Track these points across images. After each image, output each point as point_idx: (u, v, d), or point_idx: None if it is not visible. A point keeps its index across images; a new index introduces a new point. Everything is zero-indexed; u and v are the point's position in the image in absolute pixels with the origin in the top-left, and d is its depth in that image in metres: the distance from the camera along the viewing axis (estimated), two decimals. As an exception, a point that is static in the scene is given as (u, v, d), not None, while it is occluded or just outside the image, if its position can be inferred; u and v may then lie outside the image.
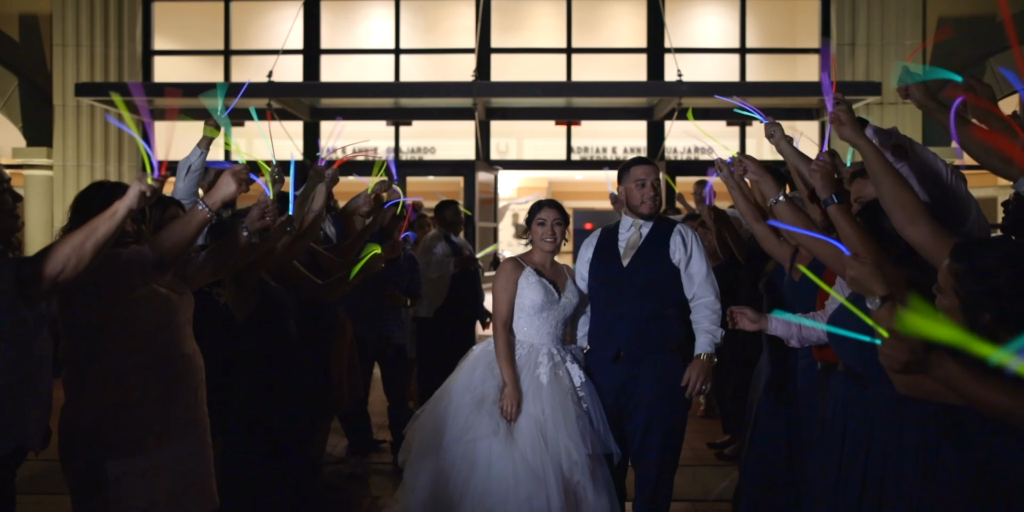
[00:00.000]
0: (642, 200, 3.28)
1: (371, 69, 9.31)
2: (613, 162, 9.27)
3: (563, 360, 3.18)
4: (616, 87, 8.14)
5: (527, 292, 3.20)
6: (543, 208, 3.32)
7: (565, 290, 3.28)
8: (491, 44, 9.00)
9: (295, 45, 9.03)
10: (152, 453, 2.26)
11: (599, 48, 9.35)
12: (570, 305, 3.26)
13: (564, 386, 3.09)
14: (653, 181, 3.29)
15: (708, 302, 3.23)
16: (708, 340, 3.20)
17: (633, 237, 3.34)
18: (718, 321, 3.22)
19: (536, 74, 9.01)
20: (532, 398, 3.05)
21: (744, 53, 9.10)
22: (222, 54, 9.18)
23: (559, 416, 3.01)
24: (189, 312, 2.44)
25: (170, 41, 9.43)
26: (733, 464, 4.79)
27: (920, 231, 2.06)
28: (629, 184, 3.32)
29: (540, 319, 3.21)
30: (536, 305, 3.18)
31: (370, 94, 8.19)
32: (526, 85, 8.11)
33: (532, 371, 3.12)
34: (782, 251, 3.64)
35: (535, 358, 3.16)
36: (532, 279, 3.22)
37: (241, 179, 2.24)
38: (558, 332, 3.24)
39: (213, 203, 2.25)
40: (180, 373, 2.35)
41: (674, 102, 7.94)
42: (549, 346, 3.20)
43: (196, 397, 2.42)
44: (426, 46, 9.51)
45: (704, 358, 3.19)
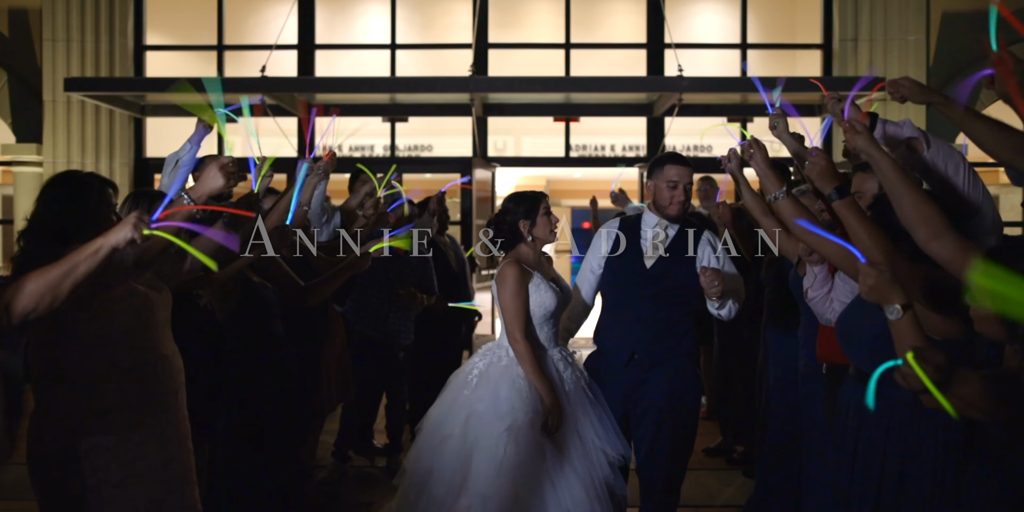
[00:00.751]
0: (671, 202, 3.13)
1: (367, 65, 9.17)
2: (630, 159, 9.16)
3: (566, 363, 3.03)
4: (615, 82, 8.01)
5: (537, 299, 2.98)
6: (543, 197, 3.13)
7: (563, 287, 3.14)
8: (488, 39, 8.87)
9: (289, 40, 8.89)
10: (129, 461, 2.13)
11: (598, 43, 9.22)
12: (564, 303, 3.12)
13: (580, 388, 2.96)
14: (686, 184, 3.14)
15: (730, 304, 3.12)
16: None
17: (659, 237, 3.18)
18: (735, 311, 3.12)
19: (534, 70, 8.88)
20: (567, 410, 2.86)
21: (745, 48, 8.98)
22: (215, 49, 9.03)
23: (593, 419, 2.88)
24: (167, 311, 2.30)
25: (162, 36, 9.28)
26: (738, 468, 4.67)
27: (946, 247, 1.92)
28: (660, 182, 3.16)
29: (548, 325, 3.03)
30: (548, 311, 2.99)
31: (365, 89, 8.04)
32: (524, 80, 7.97)
33: (558, 382, 2.93)
34: (790, 245, 3.51)
35: (553, 366, 2.98)
36: (541, 285, 3.01)
37: (229, 172, 2.11)
38: (555, 332, 3.10)
39: (199, 197, 2.11)
40: (159, 376, 2.22)
41: (674, 98, 7.81)
42: (553, 351, 3.03)
43: (176, 401, 2.29)
44: (422, 41, 9.38)
45: None
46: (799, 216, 2.45)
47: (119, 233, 1.79)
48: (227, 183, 2.10)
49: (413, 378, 4.72)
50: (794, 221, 2.31)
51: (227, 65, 9.02)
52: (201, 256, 1.70)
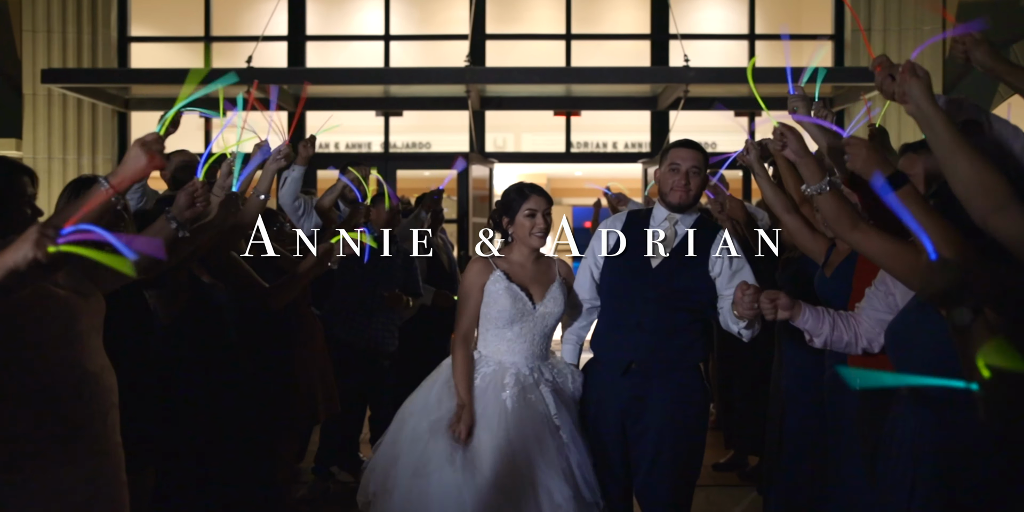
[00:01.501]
0: (672, 187, 2.79)
1: (360, 57, 8.85)
2: (633, 155, 8.84)
3: (536, 383, 2.68)
4: (618, 73, 7.66)
5: (494, 300, 2.71)
6: (531, 195, 2.77)
7: (545, 298, 2.77)
8: (486, 30, 8.54)
9: (280, 31, 8.57)
10: (44, 501, 1.79)
11: (600, 34, 8.88)
12: (551, 316, 2.77)
13: (536, 413, 2.59)
14: (689, 168, 2.78)
15: None
16: None
17: (667, 234, 2.82)
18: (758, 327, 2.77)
19: (533, 62, 8.55)
20: (496, 425, 2.56)
21: (753, 39, 8.64)
22: (203, 41, 8.72)
23: (532, 449, 2.52)
24: (97, 318, 1.97)
25: (148, 27, 8.97)
26: (750, 484, 4.34)
27: (1010, 221, 1.60)
28: (664, 168, 2.84)
29: (511, 332, 2.72)
30: (504, 316, 2.70)
31: (357, 81, 7.71)
32: (522, 71, 7.62)
33: (497, 394, 2.63)
34: (816, 245, 3.18)
35: (501, 378, 2.67)
36: (500, 284, 2.71)
37: (153, 151, 1.76)
38: (535, 348, 2.75)
39: (118, 182, 1.78)
40: (82, 397, 1.88)
41: (680, 89, 7.47)
42: (521, 366, 2.71)
43: (105, 426, 1.95)
44: (418, 32, 9.06)
45: None
46: (842, 213, 2.10)
47: (17, 252, 1.41)
48: (150, 163, 1.75)
49: (399, 388, 4.37)
50: None
51: (215, 57, 8.71)
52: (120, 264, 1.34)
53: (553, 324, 2.80)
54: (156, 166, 1.78)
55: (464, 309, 2.75)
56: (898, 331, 1.89)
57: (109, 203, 1.78)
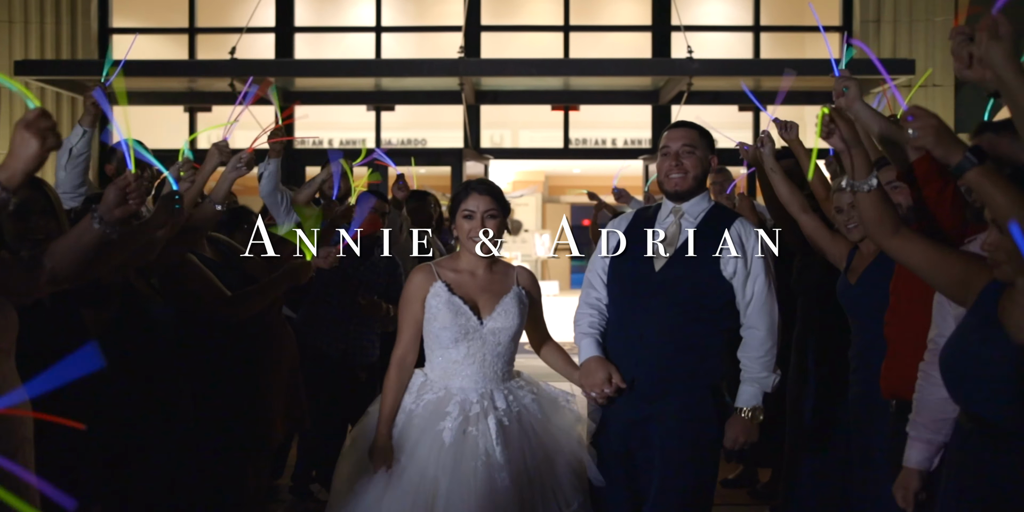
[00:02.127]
0: (665, 173, 2.44)
1: (350, 49, 8.55)
2: (633, 152, 8.54)
3: (484, 413, 2.28)
4: (619, 65, 7.35)
5: (434, 315, 2.35)
6: (471, 194, 2.38)
7: (495, 311, 2.37)
8: (481, 22, 8.24)
9: (267, 23, 8.26)
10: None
11: (600, 25, 8.57)
12: (503, 332, 2.37)
13: (474, 452, 2.23)
14: (680, 147, 2.43)
15: (759, 337, 2.39)
16: (755, 390, 2.38)
17: (671, 230, 2.46)
18: (771, 364, 2.39)
19: (530, 55, 8.25)
20: (426, 461, 2.23)
21: (758, 31, 8.33)
22: (187, 32, 8.41)
23: (459, 491, 2.18)
24: (7, 336, 1.66)
25: (130, 18, 8.65)
26: (763, 503, 4.04)
27: None
28: (658, 157, 2.51)
29: (457, 353, 2.35)
30: (447, 334, 2.34)
31: (346, 73, 7.40)
32: (518, 63, 7.31)
33: (434, 425, 2.27)
34: (837, 248, 2.87)
35: (443, 407, 2.30)
36: (441, 297, 2.34)
37: (41, 130, 1.45)
38: (487, 371, 2.36)
39: (8, 177, 1.46)
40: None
41: (683, 82, 7.17)
42: (469, 392, 2.32)
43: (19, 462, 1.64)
44: (411, 24, 8.76)
45: (747, 414, 2.37)
46: (885, 213, 1.79)
47: None
48: (42, 146, 1.44)
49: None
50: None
51: (200, 49, 8.41)
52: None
53: (507, 342, 2.39)
54: (51, 147, 1.47)
55: (403, 326, 2.39)
56: (956, 356, 1.58)
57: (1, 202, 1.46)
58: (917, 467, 2.00)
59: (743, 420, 2.36)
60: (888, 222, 1.80)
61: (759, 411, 2.37)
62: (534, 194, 15.91)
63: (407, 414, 2.32)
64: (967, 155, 1.49)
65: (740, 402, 2.37)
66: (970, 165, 1.49)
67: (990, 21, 1.46)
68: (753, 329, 2.39)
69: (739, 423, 2.36)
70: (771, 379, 2.38)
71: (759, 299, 2.39)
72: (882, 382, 2.36)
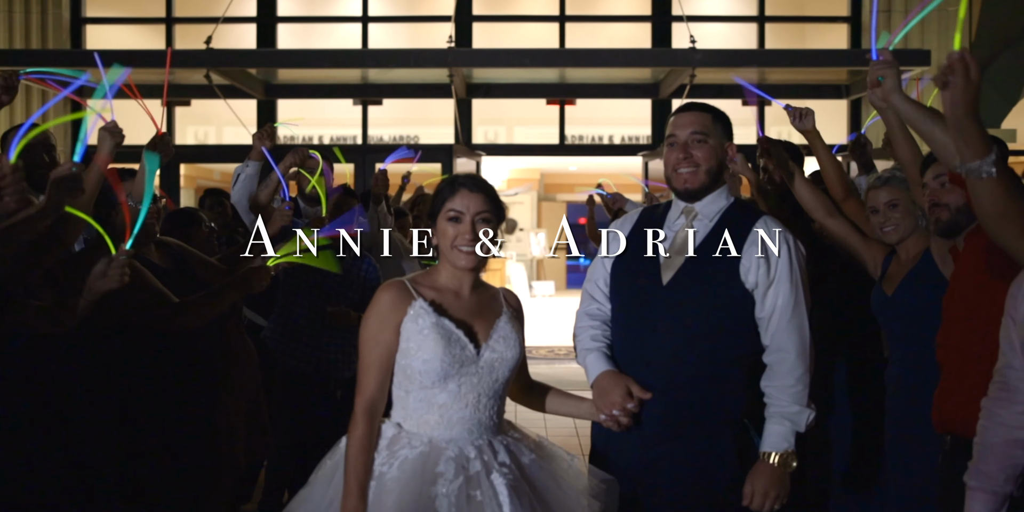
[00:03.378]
0: (672, 167, 2.03)
1: (336, 41, 8.19)
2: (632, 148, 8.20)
3: (487, 470, 1.75)
4: (617, 56, 6.98)
5: (417, 345, 1.79)
6: (458, 191, 1.86)
7: (492, 337, 1.86)
8: (472, 12, 7.87)
9: (248, 12, 7.90)
10: None
11: (597, 16, 8.23)
12: (502, 364, 1.85)
13: None
14: (688, 136, 2.01)
15: (787, 362, 1.93)
16: (785, 430, 1.92)
17: (681, 234, 2.03)
18: (804, 395, 1.92)
19: (524, 45, 7.90)
20: None
21: (763, 22, 7.98)
22: (164, 22, 8.04)
23: None
24: None
25: (104, 7, 8.29)
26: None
27: None
28: (665, 145, 2.10)
29: (445, 394, 1.80)
30: (434, 369, 1.78)
31: (329, 64, 7.02)
32: (511, 53, 6.94)
33: (423, 491, 1.70)
34: (871, 253, 2.53)
35: (431, 467, 1.73)
36: (426, 320, 1.80)
37: None
38: (482, 416, 1.82)
39: None
40: None
41: (685, 75, 6.81)
42: (464, 444, 1.79)
43: None
44: (399, 14, 8.40)
45: (776, 461, 1.90)
46: (1018, 202, 1.38)
47: None
48: None
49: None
50: None
51: (177, 40, 8.04)
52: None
53: (506, 377, 1.87)
54: None
55: (368, 362, 1.80)
56: None
57: None
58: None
59: (771, 469, 1.90)
60: (1018, 217, 1.40)
61: (791, 457, 1.91)
62: (529, 192, 15.58)
63: (377, 479, 1.74)
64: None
65: (767, 446, 1.92)
66: None
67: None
68: (780, 352, 1.94)
69: (766, 473, 1.90)
70: (805, 415, 1.92)
71: (784, 313, 1.94)
72: (934, 414, 2.01)
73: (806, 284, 2.00)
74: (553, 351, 8.31)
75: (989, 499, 1.64)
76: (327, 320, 3.34)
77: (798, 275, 1.98)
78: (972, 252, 1.99)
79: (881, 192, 2.43)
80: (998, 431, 1.63)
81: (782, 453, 1.91)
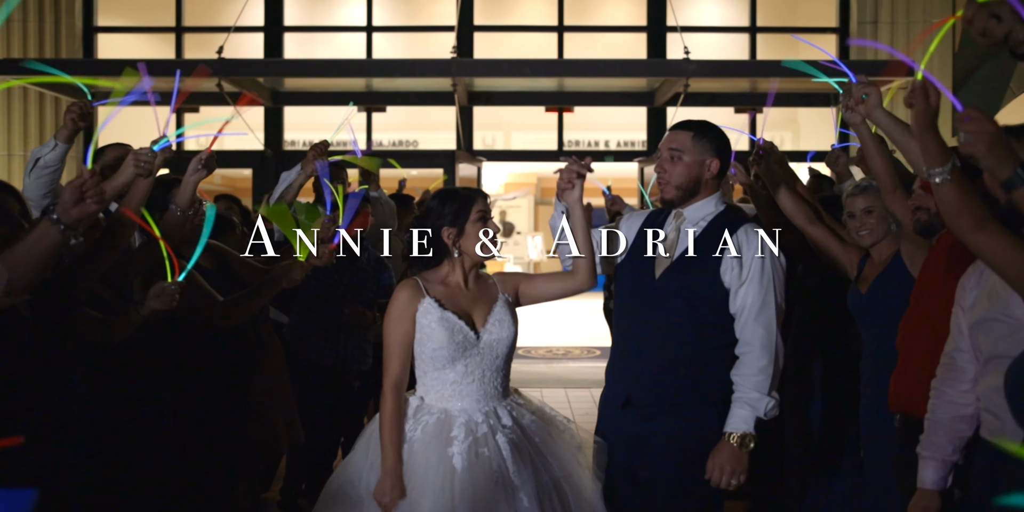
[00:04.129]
0: (660, 178, 2.29)
1: (341, 49, 8.41)
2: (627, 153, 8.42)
3: (492, 431, 2.12)
4: (614, 66, 7.23)
5: (427, 335, 2.15)
6: (477, 197, 2.24)
7: (488, 321, 2.21)
8: (474, 22, 8.11)
9: (256, 22, 8.12)
10: None
11: (594, 26, 8.47)
12: (500, 343, 2.20)
13: (489, 472, 2.06)
14: (665, 153, 2.26)
15: (751, 354, 2.17)
16: (746, 414, 2.14)
17: (671, 236, 2.29)
18: (766, 384, 2.15)
19: (524, 55, 8.13)
20: (440, 491, 2.01)
21: (754, 32, 8.24)
22: (174, 31, 8.26)
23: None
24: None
25: (116, 17, 8.50)
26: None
27: None
28: None
29: (454, 373, 2.16)
30: (442, 355, 2.14)
31: (336, 73, 7.25)
32: (512, 63, 7.18)
33: (442, 451, 2.08)
34: (848, 257, 2.76)
35: (447, 431, 2.11)
36: (432, 315, 2.15)
37: None
38: (488, 387, 2.18)
39: None
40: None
41: (679, 84, 7.06)
42: (472, 411, 2.15)
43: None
44: (402, 24, 8.63)
45: (735, 440, 2.13)
46: (970, 206, 1.60)
47: None
48: None
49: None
50: None
51: (187, 49, 8.26)
52: None
53: (505, 353, 2.22)
54: None
55: (392, 348, 2.17)
56: (1017, 377, 1.45)
57: None
58: (935, 487, 1.90)
59: (731, 448, 2.12)
60: (969, 215, 1.58)
61: (750, 438, 2.13)
62: (526, 196, 15.81)
63: (408, 443, 2.12)
64: (1018, 170, 1.36)
65: (728, 427, 2.14)
66: (1021, 182, 1.36)
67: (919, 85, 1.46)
68: (747, 345, 2.18)
69: (725, 451, 2.12)
70: (764, 402, 2.14)
71: (752, 311, 2.18)
72: (890, 395, 2.25)
73: (779, 286, 2.22)
74: (552, 351, 8.52)
75: (939, 466, 1.89)
76: (344, 319, 3.56)
77: (769, 278, 2.20)
78: (939, 249, 2.22)
79: (858, 199, 2.64)
80: (947, 408, 1.88)
81: (741, 434, 2.13)
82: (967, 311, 1.84)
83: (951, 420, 1.87)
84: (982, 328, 1.79)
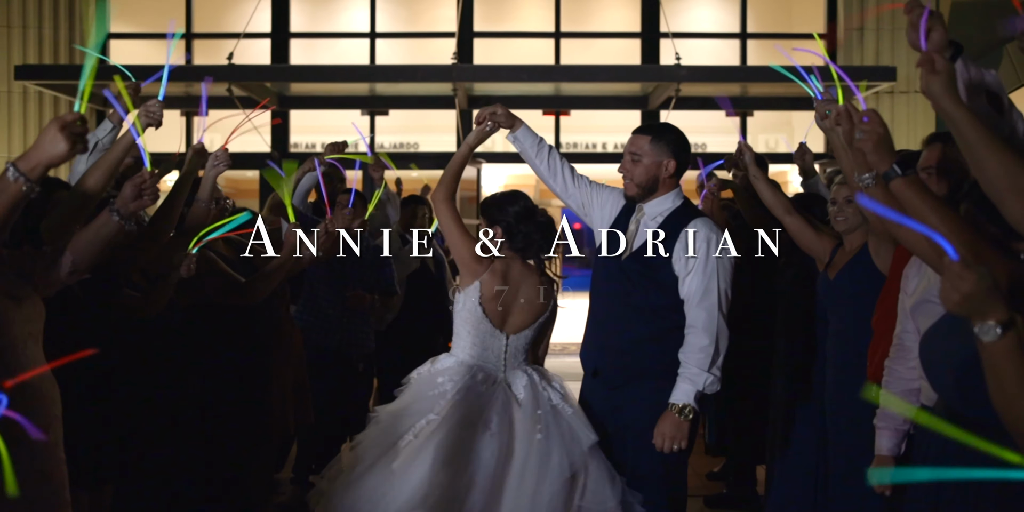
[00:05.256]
0: (623, 179, 2.56)
1: (345, 55, 8.67)
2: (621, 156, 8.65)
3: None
4: (609, 71, 7.51)
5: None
6: None
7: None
8: (473, 28, 8.37)
9: (263, 28, 8.38)
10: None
11: (590, 32, 8.73)
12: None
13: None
14: (630, 154, 2.52)
15: (694, 334, 2.40)
16: (688, 388, 2.37)
17: (631, 228, 2.56)
18: (706, 362, 2.38)
19: (522, 61, 8.38)
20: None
21: (745, 38, 8.50)
22: (183, 38, 8.50)
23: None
24: (35, 324, 1.78)
25: (127, 23, 8.76)
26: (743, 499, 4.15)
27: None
28: None
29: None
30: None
31: (341, 78, 7.52)
32: (510, 69, 7.45)
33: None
34: (821, 246, 3.01)
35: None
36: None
37: (74, 134, 1.57)
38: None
39: (31, 168, 1.58)
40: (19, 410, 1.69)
41: (671, 88, 7.32)
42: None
43: (48, 440, 1.76)
44: (404, 30, 8.89)
45: (676, 411, 2.36)
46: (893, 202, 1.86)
47: None
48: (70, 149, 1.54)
49: (384, 394, 4.18)
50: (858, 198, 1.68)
51: (197, 54, 8.52)
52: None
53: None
54: (77, 152, 1.57)
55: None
56: (926, 348, 1.70)
57: (22, 194, 1.58)
58: (889, 454, 2.15)
59: (672, 418, 2.36)
60: None
61: (689, 410, 2.36)
62: (525, 198, 16.01)
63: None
64: (894, 166, 1.61)
65: (672, 398, 2.37)
66: (895, 175, 1.61)
67: (927, 57, 1.52)
68: (691, 327, 2.41)
69: (667, 421, 2.36)
70: (704, 378, 2.36)
71: (695, 297, 2.42)
72: (869, 366, 2.48)
73: (724, 274, 2.45)
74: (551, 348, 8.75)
75: (892, 436, 2.15)
76: (347, 303, 3.82)
77: (713, 268, 2.43)
78: None
79: (843, 188, 2.85)
80: (897, 383, 2.14)
81: (682, 406, 2.37)
82: (909, 296, 2.10)
83: (902, 394, 2.12)
84: (919, 309, 2.04)
